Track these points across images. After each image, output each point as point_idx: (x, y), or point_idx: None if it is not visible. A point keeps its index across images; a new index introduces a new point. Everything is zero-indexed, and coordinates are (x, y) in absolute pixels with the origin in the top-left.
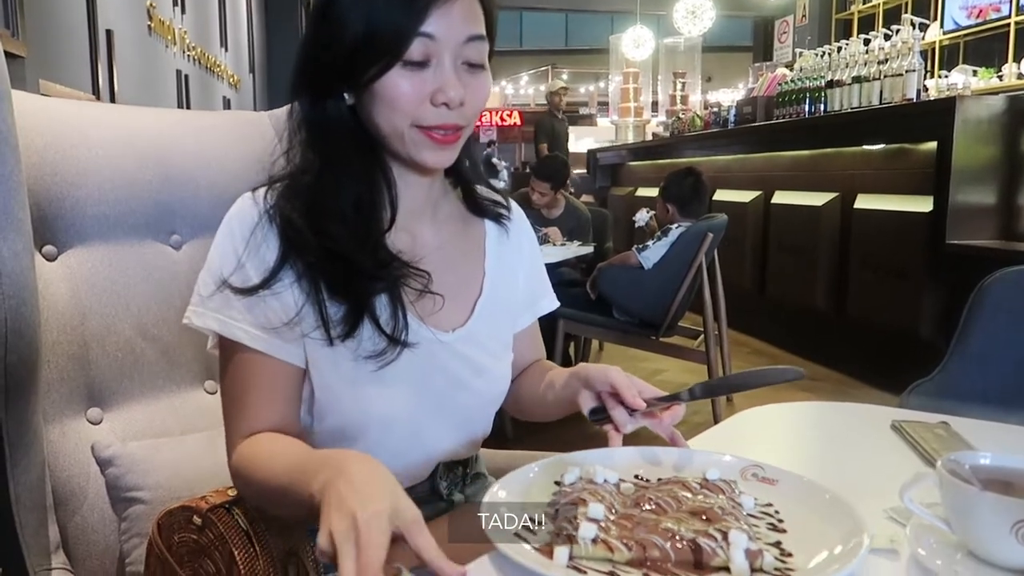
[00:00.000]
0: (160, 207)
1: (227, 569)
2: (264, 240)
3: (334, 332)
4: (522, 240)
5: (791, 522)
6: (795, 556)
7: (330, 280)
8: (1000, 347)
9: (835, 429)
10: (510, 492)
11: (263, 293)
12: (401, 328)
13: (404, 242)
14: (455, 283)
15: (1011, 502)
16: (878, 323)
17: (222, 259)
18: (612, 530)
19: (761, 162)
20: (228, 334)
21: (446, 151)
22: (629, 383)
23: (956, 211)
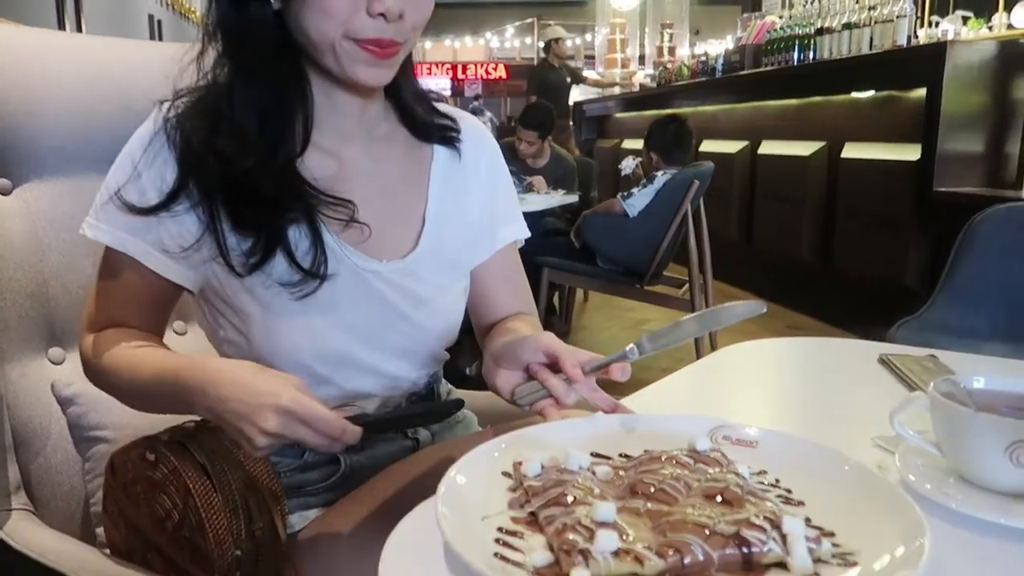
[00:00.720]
0: (120, 140)
1: (183, 503)
2: (160, 153)
3: (239, 264)
4: (480, 160)
5: (800, 493)
6: (837, 535)
7: (231, 210)
8: (989, 283)
9: (820, 364)
10: (470, 479)
11: (161, 215)
12: (319, 262)
13: (328, 167)
14: (393, 211)
15: (1007, 423)
16: (865, 272)
17: (120, 170)
18: (629, 535)
19: (748, 112)
20: (118, 246)
21: (382, 67)
22: (568, 350)
23: (944, 159)
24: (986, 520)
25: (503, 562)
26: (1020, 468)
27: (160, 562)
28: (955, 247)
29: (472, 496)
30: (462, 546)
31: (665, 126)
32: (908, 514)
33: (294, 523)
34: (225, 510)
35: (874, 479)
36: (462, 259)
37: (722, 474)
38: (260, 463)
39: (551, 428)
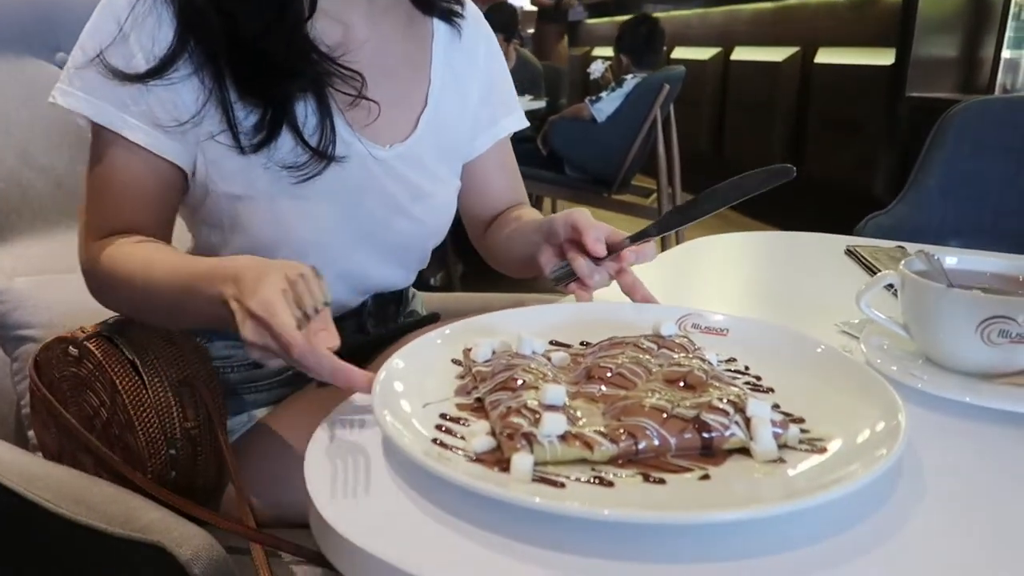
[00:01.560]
0: (39, 19)
1: (111, 400)
2: (154, 12)
3: (245, 140)
4: (478, 46)
5: (770, 380)
6: (807, 421)
7: (238, 74)
8: (960, 178)
9: (786, 256)
10: (412, 365)
11: (153, 82)
12: (328, 139)
13: (332, 35)
14: (394, 91)
15: (980, 298)
16: (837, 181)
17: (100, 30)
18: (580, 419)
19: (722, 16)
20: (101, 119)
21: None
22: (591, 224)
23: (918, 63)
24: (954, 400)
25: (441, 448)
26: (991, 346)
27: (91, 462)
28: (927, 141)
29: (415, 383)
30: (397, 433)
31: (636, 27)
32: (882, 394)
33: (243, 422)
34: (156, 407)
35: (847, 362)
36: (460, 146)
37: (687, 359)
38: (197, 359)
39: (509, 315)
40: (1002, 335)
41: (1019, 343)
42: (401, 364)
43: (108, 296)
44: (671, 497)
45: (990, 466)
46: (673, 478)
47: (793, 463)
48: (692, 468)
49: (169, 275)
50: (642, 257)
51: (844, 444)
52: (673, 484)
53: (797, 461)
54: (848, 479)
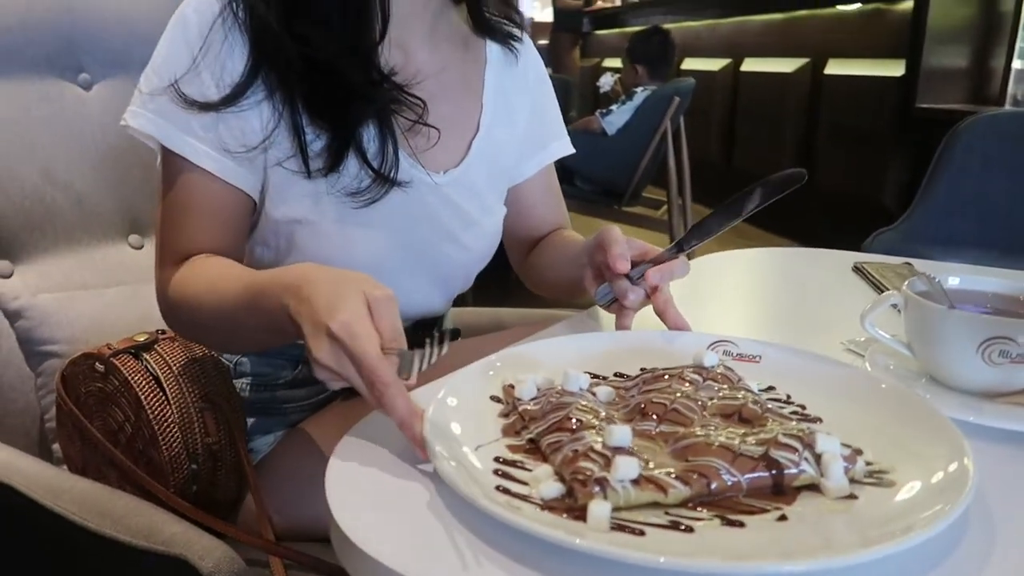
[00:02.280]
0: (62, 40)
1: (135, 416)
2: (226, 43)
3: (314, 164)
4: (527, 71)
5: (814, 408)
6: (866, 452)
7: (310, 98)
8: (968, 193)
9: (794, 273)
10: (462, 400)
11: (224, 111)
12: (391, 164)
13: (397, 61)
14: (450, 116)
15: (981, 319)
16: (846, 192)
17: (172, 58)
18: (648, 461)
19: (732, 28)
20: (172, 145)
21: None
22: (614, 240)
23: (928, 74)
24: (957, 419)
25: (508, 496)
26: (992, 366)
27: (115, 475)
28: (936, 156)
29: (462, 421)
30: (463, 483)
31: (649, 37)
32: (942, 429)
33: (268, 443)
34: (179, 423)
35: (898, 393)
36: (508, 171)
37: (734, 391)
38: (219, 376)
39: (541, 347)
40: (1002, 355)
41: (1019, 363)
42: (454, 402)
43: (180, 319)
44: (755, 542)
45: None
46: (751, 520)
47: (865, 499)
48: (767, 508)
49: (232, 287)
50: (671, 275)
51: (913, 480)
52: (753, 527)
53: (868, 497)
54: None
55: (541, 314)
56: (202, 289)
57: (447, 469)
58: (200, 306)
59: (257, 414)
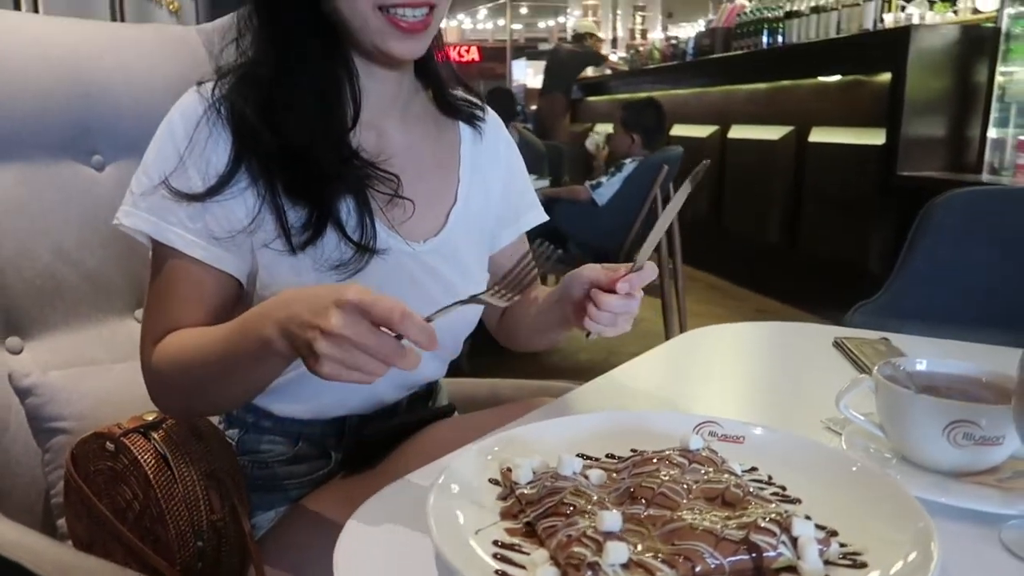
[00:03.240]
0: (78, 125)
1: (144, 494)
2: (211, 139)
3: (296, 239)
4: (499, 146)
5: (794, 489)
6: (840, 534)
7: (289, 181)
8: (943, 267)
9: (778, 347)
10: (462, 484)
11: (209, 201)
12: (369, 235)
13: (370, 141)
14: (427, 190)
15: (944, 404)
16: (830, 256)
17: (161, 157)
18: (636, 544)
19: (719, 96)
20: (162, 238)
21: (415, 40)
22: (601, 270)
23: (908, 143)
24: (927, 499)
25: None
26: (958, 448)
27: (122, 552)
28: (911, 232)
29: (460, 507)
30: (462, 562)
31: (644, 108)
32: (911, 512)
33: (270, 518)
34: (186, 501)
35: (871, 475)
36: (486, 239)
37: (718, 474)
38: (224, 453)
39: (537, 429)
40: (967, 437)
41: (983, 445)
42: (455, 487)
43: (168, 386)
44: None
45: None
46: None
47: None
48: None
49: (218, 331)
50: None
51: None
52: None
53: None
54: None
55: (535, 385)
56: (188, 344)
57: (449, 554)
58: (186, 359)
59: (258, 491)
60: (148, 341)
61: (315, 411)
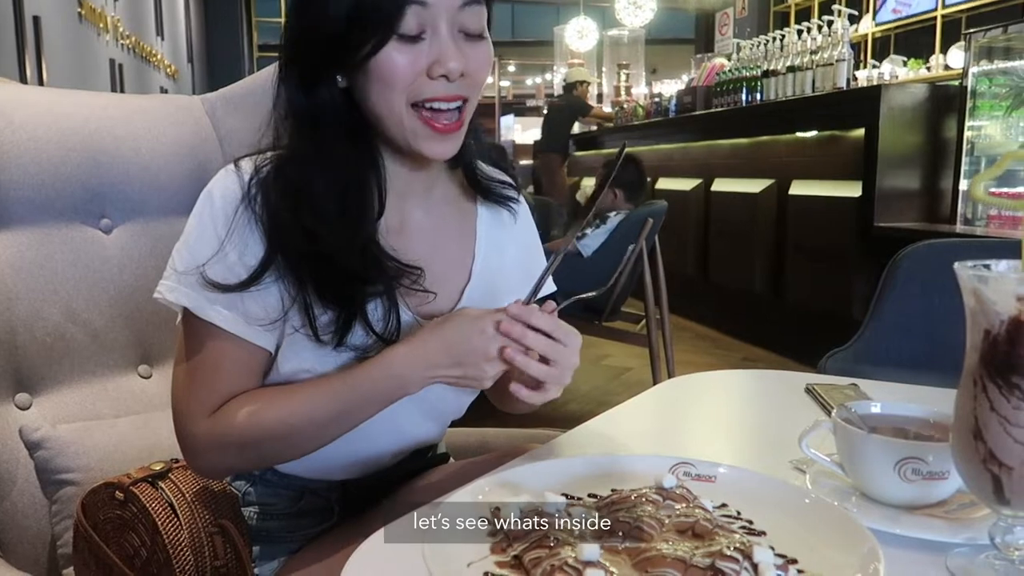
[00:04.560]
0: (88, 191)
1: (151, 541)
2: (246, 225)
3: (323, 336)
4: (526, 232)
5: (760, 523)
6: (800, 561)
7: (319, 285)
8: (911, 316)
9: (754, 393)
10: (455, 523)
11: (243, 292)
12: (393, 327)
13: (393, 222)
14: (442, 269)
15: (894, 443)
16: (813, 304)
17: (201, 238)
18: (614, 572)
19: (701, 150)
20: (203, 315)
21: (448, 141)
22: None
23: (883, 195)
24: (881, 530)
25: None
26: (908, 483)
27: None
28: (880, 282)
29: (454, 542)
30: None
31: (625, 165)
32: (862, 539)
33: (273, 568)
34: (191, 547)
35: (826, 507)
36: None
37: (690, 509)
38: (227, 502)
39: (524, 472)
40: (915, 473)
41: (931, 480)
42: (447, 524)
43: (231, 451)
44: None
45: None
46: None
47: None
48: None
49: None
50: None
51: None
52: None
53: None
54: None
55: (524, 434)
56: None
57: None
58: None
59: (262, 542)
60: (199, 412)
61: (321, 473)
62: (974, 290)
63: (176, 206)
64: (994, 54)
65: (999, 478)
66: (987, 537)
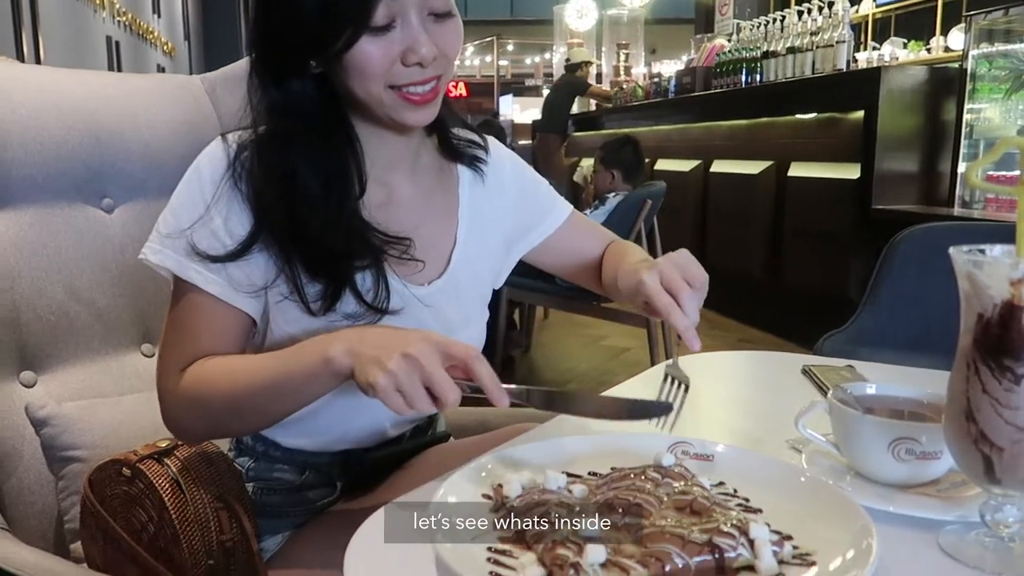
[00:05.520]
0: (90, 170)
1: (159, 516)
2: (232, 197)
3: (312, 305)
4: (502, 173)
5: (756, 501)
6: (795, 538)
7: (306, 260)
8: (906, 299)
9: (752, 374)
10: (459, 499)
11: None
12: (383, 296)
13: (379, 197)
14: (430, 235)
15: (888, 423)
16: (810, 286)
17: (187, 202)
18: (614, 547)
19: (700, 132)
20: (185, 276)
21: (427, 109)
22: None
23: (881, 178)
24: (876, 508)
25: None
26: (901, 462)
27: (136, 572)
28: (877, 265)
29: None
30: (461, 566)
31: (622, 146)
32: (856, 516)
33: (277, 542)
34: (197, 522)
35: (822, 486)
36: (486, 276)
37: (688, 487)
38: (232, 477)
39: (527, 450)
40: (908, 453)
41: (923, 459)
42: (453, 499)
43: (193, 412)
44: None
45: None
46: None
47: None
48: None
49: (267, 357)
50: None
51: (831, 559)
52: None
53: (794, 574)
54: None
55: (524, 413)
56: (230, 367)
57: (449, 557)
58: (227, 381)
59: (266, 517)
60: (171, 369)
61: (322, 444)
62: (968, 274)
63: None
64: (994, 36)
65: (990, 458)
66: (978, 515)
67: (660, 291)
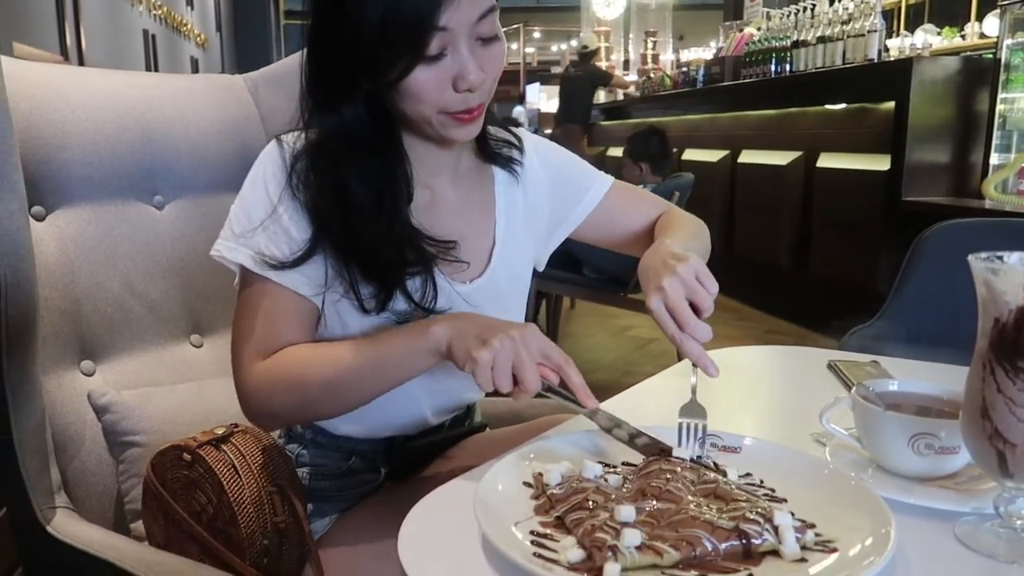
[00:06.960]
0: (142, 169)
1: (217, 499)
2: (294, 199)
3: (366, 304)
4: (534, 167)
5: (782, 491)
6: (817, 526)
7: (362, 267)
8: (934, 295)
9: (777, 369)
10: (504, 485)
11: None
12: (430, 296)
13: (424, 199)
14: (471, 235)
15: (908, 419)
16: (838, 278)
17: (255, 200)
18: (648, 531)
19: (729, 122)
20: (260, 271)
21: (473, 125)
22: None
23: (912, 169)
24: (896, 500)
25: (543, 560)
26: (921, 456)
27: (196, 550)
28: (905, 261)
29: (502, 503)
30: (507, 547)
31: (649, 138)
32: (875, 506)
33: (325, 524)
34: (254, 504)
35: (844, 478)
36: (525, 272)
37: (715, 476)
38: (284, 463)
39: (564, 442)
40: (928, 447)
41: (942, 454)
42: (499, 487)
43: (286, 397)
44: None
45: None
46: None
47: (813, 562)
48: (739, 569)
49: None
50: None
51: (851, 546)
52: None
53: (815, 559)
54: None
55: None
56: (326, 352)
57: (495, 538)
58: (324, 364)
59: (315, 500)
60: (251, 358)
61: (368, 431)
62: (985, 280)
63: (222, 182)
64: None
65: (1003, 454)
66: (992, 507)
67: (667, 320)
